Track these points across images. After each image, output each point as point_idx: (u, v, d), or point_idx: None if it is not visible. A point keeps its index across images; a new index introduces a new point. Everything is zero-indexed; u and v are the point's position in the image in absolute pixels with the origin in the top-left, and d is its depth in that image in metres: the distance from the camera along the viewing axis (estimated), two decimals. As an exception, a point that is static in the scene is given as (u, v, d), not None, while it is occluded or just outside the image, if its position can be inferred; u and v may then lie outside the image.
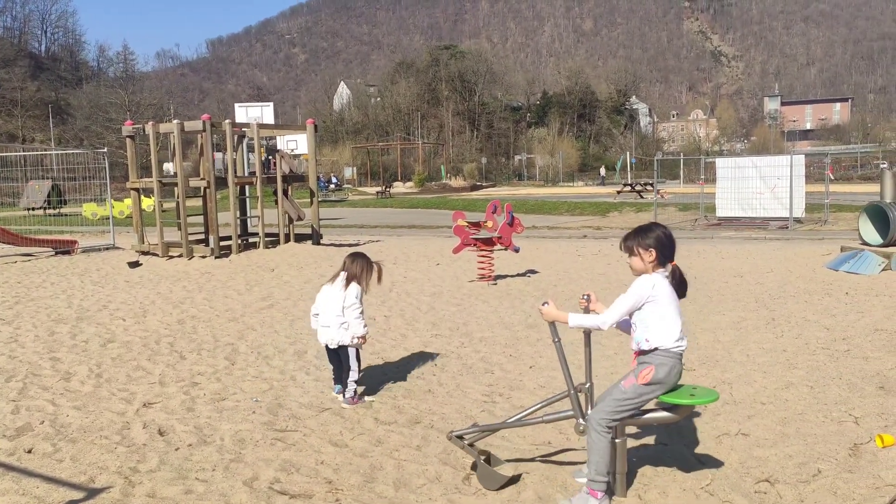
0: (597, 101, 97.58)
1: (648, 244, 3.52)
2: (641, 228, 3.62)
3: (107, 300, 9.80)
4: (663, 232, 3.60)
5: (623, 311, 3.53)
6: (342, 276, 5.34)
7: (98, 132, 69.61)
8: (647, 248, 3.52)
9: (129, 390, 5.59)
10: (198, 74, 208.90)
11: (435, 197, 42.59)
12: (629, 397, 3.50)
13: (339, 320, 5.23)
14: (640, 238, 3.55)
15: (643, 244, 3.53)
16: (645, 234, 3.55)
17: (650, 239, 3.53)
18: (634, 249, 3.55)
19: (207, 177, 14.05)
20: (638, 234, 3.57)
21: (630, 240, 3.58)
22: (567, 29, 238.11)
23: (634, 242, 3.55)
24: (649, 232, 3.57)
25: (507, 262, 12.34)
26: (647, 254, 3.52)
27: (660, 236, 3.55)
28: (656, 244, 3.52)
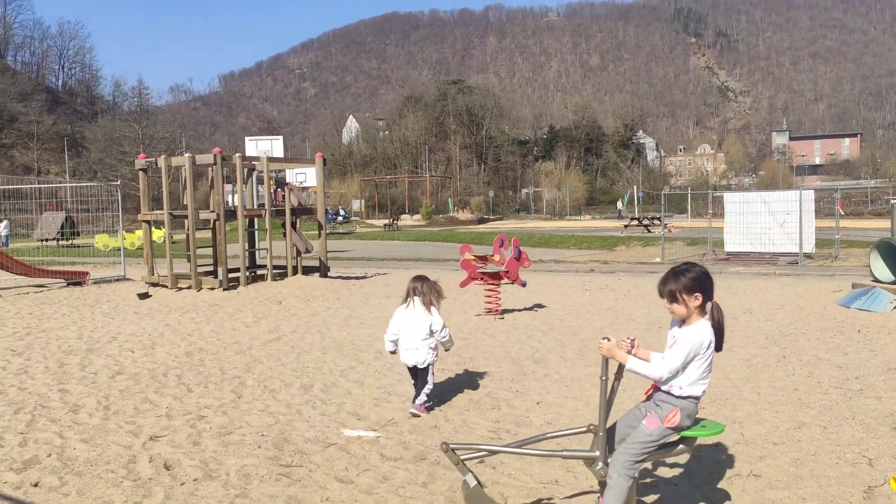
0: (604, 136, 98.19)
1: (692, 288, 3.38)
2: (680, 271, 3.46)
3: (116, 331, 9.82)
4: (703, 272, 3.45)
5: (681, 364, 3.39)
6: (418, 302, 5.91)
7: (112, 164, 70.42)
8: (691, 292, 3.38)
9: (136, 423, 5.57)
10: (210, 108, 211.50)
11: (442, 230, 42.70)
12: (654, 439, 3.44)
13: (428, 343, 5.83)
14: (682, 282, 3.40)
15: (687, 288, 3.39)
16: (686, 277, 3.40)
17: (693, 282, 3.39)
18: (678, 296, 3.40)
19: (217, 209, 14.16)
20: (679, 278, 3.42)
21: (671, 284, 3.43)
22: (574, 64, 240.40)
23: (677, 287, 3.41)
24: (689, 274, 3.41)
25: (514, 296, 12.32)
26: (693, 299, 3.38)
27: (701, 277, 3.41)
28: (700, 287, 3.39)
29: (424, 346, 5.82)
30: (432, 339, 5.87)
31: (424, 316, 5.86)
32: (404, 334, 5.87)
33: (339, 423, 5.55)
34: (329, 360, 7.87)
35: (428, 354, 5.84)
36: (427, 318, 5.87)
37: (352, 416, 5.75)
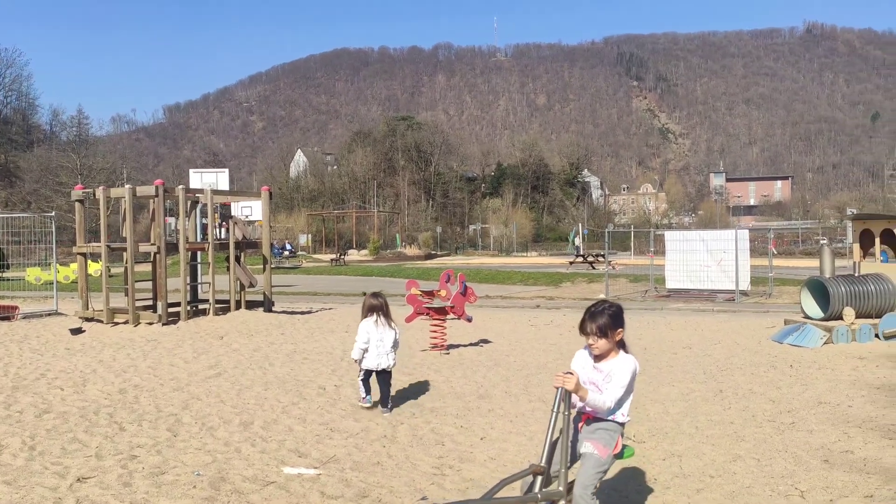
0: (550, 174, 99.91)
1: (618, 323, 3.70)
2: (605, 308, 3.72)
3: (45, 368, 9.44)
4: (621, 309, 3.80)
5: (623, 393, 3.67)
6: (382, 317, 7.17)
7: (47, 195, 68.21)
8: (616, 327, 3.70)
9: (63, 464, 5.34)
10: (153, 140, 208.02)
11: (390, 265, 42.60)
12: (606, 466, 3.66)
13: (394, 350, 7.20)
14: (612, 318, 3.68)
15: (616, 324, 3.69)
16: (613, 314, 3.70)
17: (618, 318, 3.71)
18: (608, 331, 3.66)
19: (158, 242, 13.86)
20: (605, 315, 3.68)
21: (601, 320, 3.67)
22: (521, 103, 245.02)
23: (608, 324, 3.66)
24: (613, 310, 3.72)
25: (459, 332, 12.33)
26: (618, 333, 3.70)
27: (621, 314, 3.75)
28: (622, 322, 3.73)
29: (392, 353, 7.15)
30: (395, 347, 7.21)
31: (390, 328, 7.17)
32: (375, 343, 7.06)
33: (279, 461, 5.43)
34: (271, 396, 7.72)
35: (393, 360, 7.19)
36: (392, 330, 7.19)
37: (293, 454, 5.63)
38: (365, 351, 7.09)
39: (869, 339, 10.83)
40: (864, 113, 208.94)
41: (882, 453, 5.52)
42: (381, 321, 7.13)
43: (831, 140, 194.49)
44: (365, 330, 7.11)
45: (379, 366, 7.06)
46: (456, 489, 4.84)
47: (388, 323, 7.16)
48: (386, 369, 7.08)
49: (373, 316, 7.16)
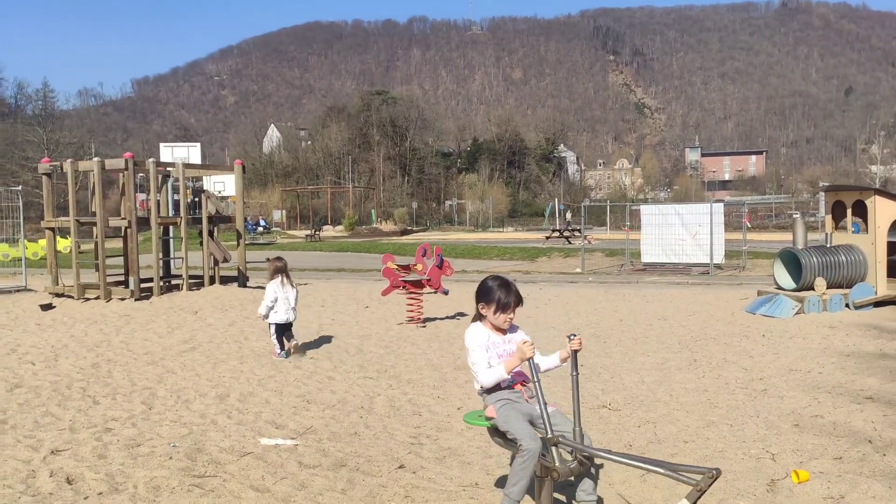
0: (526, 149, 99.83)
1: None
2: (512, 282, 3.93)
3: (15, 344, 9.30)
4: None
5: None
6: (286, 277, 8.34)
7: (13, 170, 66.75)
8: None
9: (35, 437, 5.27)
10: (122, 114, 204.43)
11: (365, 241, 42.47)
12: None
13: (296, 307, 8.39)
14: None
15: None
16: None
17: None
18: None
19: (129, 216, 13.65)
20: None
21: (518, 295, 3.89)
22: (497, 77, 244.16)
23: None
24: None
25: (436, 305, 12.33)
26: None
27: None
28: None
29: (293, 309, 8.32)
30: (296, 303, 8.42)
31: (293, 287, 8.40)
32: (282, 300, 8.21)
33: (255, 433, 5.41)
34: (246, 369, 7.68)
35: (295, 315, 8.38)
36: (294, 289, 8.44)
37: (269, 425, 5.61)
38: (272, 308, 8.17)
39: (839, 309, 11.02)
40: (837, 87, 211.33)
41: (850, 417, 5.63)
42: (286, 281, 8.29)
43: (805, 114, 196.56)
44: (272, 289, 8.21)
45: (287, 319, 8.23)
46: (434, 457, 4.86)
47: (290, 283, 8.33)
48: (291, 322, 8.29)
49: (278, 277, 8.29)
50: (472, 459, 4.81)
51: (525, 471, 3.48)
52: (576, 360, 3.69)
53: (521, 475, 3.48)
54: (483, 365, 3.72)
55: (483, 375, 3.70)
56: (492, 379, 3.67)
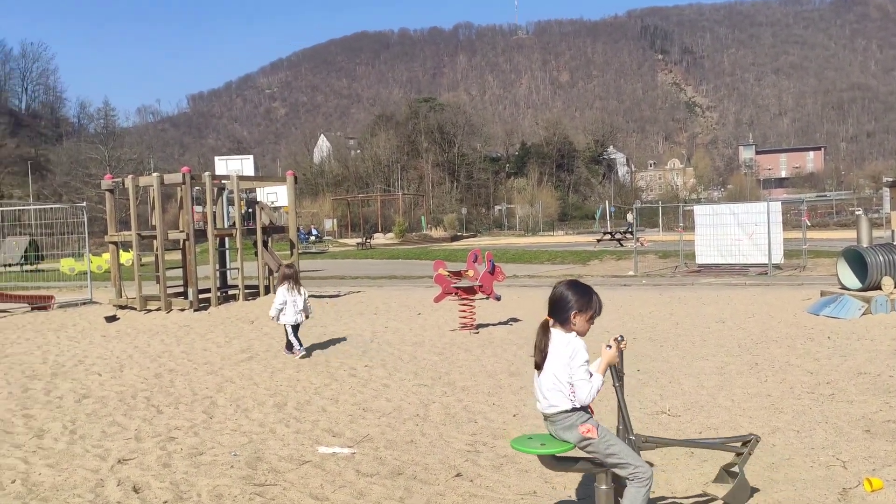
0: (575, 152, 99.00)
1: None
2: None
3: (83, 355, 9.61)
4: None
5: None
6: (293, 283, 9.08)
7: (77, 187, 69.26)
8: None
9: (103, 446, 5.43)
10: (178, 129, 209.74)
11: (416, 247, 42.65)
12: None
13: (304, 310, 9.10)
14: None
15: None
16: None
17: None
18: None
19: (187, 229, 13.99)
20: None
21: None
22: (544, 81, 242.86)
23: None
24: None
25: (488, 311, 12.30)
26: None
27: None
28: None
29: (303, 312, 9.03)
30: (305, 307, 9.11)
31: (300, 293, 9.09)
32: (290, 304, 8.93)
33: (313, 441, 5.47)
34: (303, 378, 7.77)
35: (304, 316, 9.11)
36: (302, 295, 9.10)
37: (327, 433, 5.67)
38: (281, 311, 8.93)
39: (908, 309, 10.59)
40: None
41: (925, 423, 5.40)
42: (293, 287, 9.04)
43: (865, 108, 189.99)
44: (282, 294, 9.02)
45: (296, 321, 8.96)
46: (491, 465, 4.83)
47: (297, 289, 9.10)
48: (299, 323, 9.04)
49: (286, 283, 9.05)
50: (530, 467, 4.76)
51: (646, 499, 3.37)
52: (615, 371, 3.59)
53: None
54: (587, 377, 3.39)
55: (588, 390, 3.36)
56: (595, 391, 3.37)
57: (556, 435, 3.46)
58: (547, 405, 3.44)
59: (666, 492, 4.29)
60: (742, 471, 3.88)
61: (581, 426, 3.38)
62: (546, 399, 3.45)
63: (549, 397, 3.43)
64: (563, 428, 3.41)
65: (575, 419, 3.40)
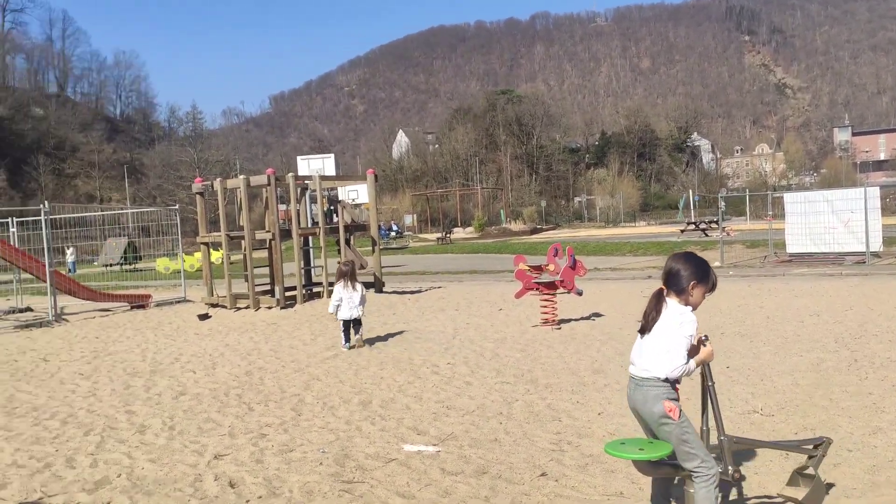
0: (657, 140, 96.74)
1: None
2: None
3: (178, 353, 10.06)
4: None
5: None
6: (349, 281, 9.44)
7: (169, 189, 72.49)
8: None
9: (200, 442, 5.68)
10: (262, 129, 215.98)
11: (495, 241, 42.62)
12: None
13: (359, 306, 9.45)
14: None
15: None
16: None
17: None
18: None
19: (273, 229, 14.41)
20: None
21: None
22: (624, 68, 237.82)
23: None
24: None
25: (570, 306, 12.18)
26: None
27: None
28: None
29: (359, 307, 9.42)
30: (361, 303, 9.47)
31: (355, 290, 9.42)
32: (346, 301, 9.35)
33: (398, 439, 5.55)
34: (387, 375, 7.90)
35: (360, 311, 9.50)
36: (357, 291, 9.44)
37: (411, 431, 5.74)
38: (338, 307, 9.36)
39: None
40: None
41: None
42: (349, 284, 9.39)
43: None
44: (337, 291, 9.44)
45: (350, 316, 9.41)
46: (576, 465, 4.80)
47: (353, 285, 9.40)
48: (356, 318, 9.47)
49: (342, 281, 9.43)
50: (616, 467, 4.70)
51: (713, 499, 3.31)
52: (710, 369, 3.56)
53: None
54: (684, 353, 3.34)
55: (679, 364, 3.32)
56: (682, 371, 3.34)
57: (639, 406, 3.44)
58: (642, 368, 3.43)
59: (759, 492, 4.17)
60: (817, 473, 3.81)
61: (666, 402, 3.34)
62: (644, 363, 3.42)
63: (647, 360, 3.41)
64: (649, 397, 3.38)
65: (663, 391, 3.36)
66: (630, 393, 3.51)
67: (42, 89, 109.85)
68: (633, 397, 3.47)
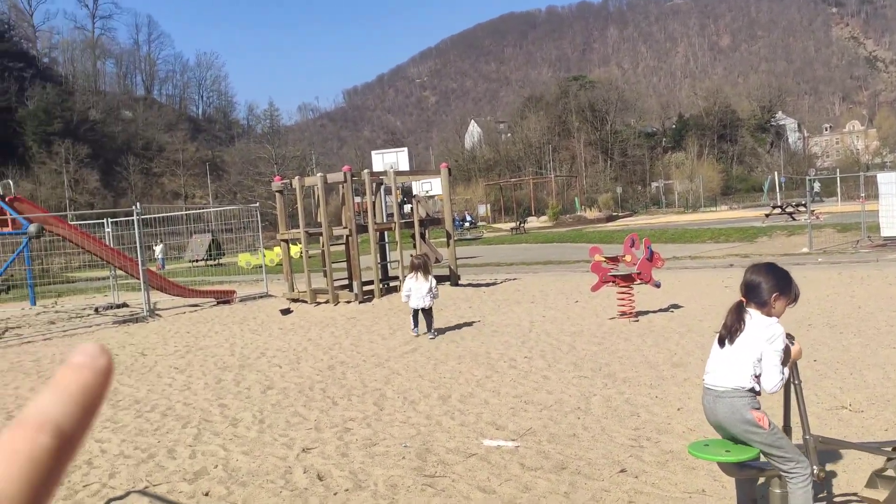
0: (738, 120, 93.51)
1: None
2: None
3: (264, 347, 10.45)
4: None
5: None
6: (419, 273, 10.07)
7: (249, 185, 74.69)
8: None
9: (288, 436, 5.93)
10: (336, 124, 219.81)
11: (570, 230, 42.21)
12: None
13: (429, 295, 10.03)
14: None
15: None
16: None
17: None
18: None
19: (349, 225, 14.74)
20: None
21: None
22: (702, 47, 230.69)
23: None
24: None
25: (648, 297, 12.02)
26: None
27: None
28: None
29: (427, 296, 10.01)
30: (430, 292, 10.03)
31: (426, 281, 10.03)
32: (415, 291, 10.01)
33: (478, 434, 5.66)
34: (465, 370, 8.02)
35: (429, 301, 10.06)
36: (427, 282, 10.04)
37: (490, 426, 5.85)
38: (409, 297, 10.06)
39: None
40: None
41: None
42: (419, 276, 10.05)
43: None
44: (408, 282, 10.22)
45: (419, 305, 10.06)
46: (656, 461, 4.80)
47: (424, 277, 10.05)
48: (425, 308, 10.07)
49: (414, 273, 10.13)
50: (697, 464, 4.67)
51: (810, 498, 3.30)
52: (797, 367, 3.53)
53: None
54: (780, 367, 3.34)
55: (778, 380, 3.32)
56: (781, 384, 3.34)
57: (722, 419, 3.41)
58: (724, 379, 3.40)
59: (846, 489, 4.10)
60: None
61: (753, 412, 3.33)
62: (726, 373, 3.39)
63: (731, 372, 3.38)
64: (735, 408, 3.35)
65: (748, 401, 3.35)
66: (709, 405, 3.48)
67: (130, 92, 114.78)
68: (715, 409, 3.44)
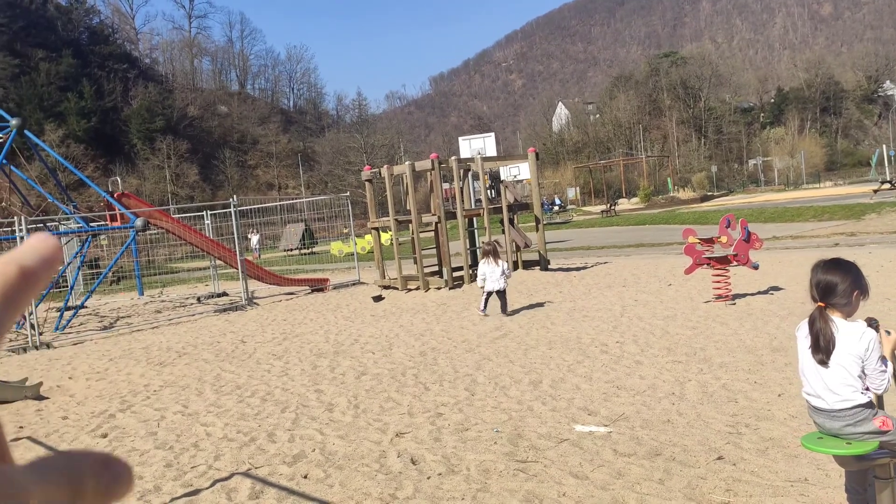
0: (842, 92, 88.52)
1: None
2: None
3: (357, 334, 10.72)
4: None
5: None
6: (491, 258, 10.84)
7: (339, 175, 76.35)
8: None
9: (382, 420, 6.08)
10: (423, 111, 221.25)
11: (663, 212, 41.16)
12: None
13: (503, 277, 10.81)
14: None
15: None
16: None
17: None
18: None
19: (438, 212, 14.88)
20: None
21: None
22: (802, 17, 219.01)
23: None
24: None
25: (745, 280, 11.62)
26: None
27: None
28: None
29: (501, 279, 10.76)
30: (504, 275, 10.81)
31: (497, 265, 10.78)
32: (489, 275, 10.80)
33: (569, 419, 5.65)
34: (556, 355, 8.00)
35: (503, 284, 10.82)
36: (499, 266, 10.79)
37: (582, 412, 5.82)
38: (484, 280, 10.83)
39: None
40: None
41: None
42: (491, 261, 10.79)
43: None
44: (482, 267, 10.96)
45: (493, 288, 10.81)
46: (755, 449, 4.66)
47: (495, 261, 10.80)
48: (499, 290, 10.81)
49: (486, 258, 10.90)
50: (799, 452, 4.52)
51: None
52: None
53: None
54: (883, 367, 3.18)
55: (885, 380, 3.17)
56: (890, 381, 3.18)
57: (839, 431, 3.28)
58: (836, 400, 3.25)
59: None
60: None
61: (875, 419, 3.19)
62: (834, 394, 3.25)
63: (839, 392, 3.24)
64: (855, 423, 3.22)
65: (867, 413, 3.21)
66: (822, 422, 3.34)
67: (225, 88, 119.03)
68: (831, 426, 3.31)
